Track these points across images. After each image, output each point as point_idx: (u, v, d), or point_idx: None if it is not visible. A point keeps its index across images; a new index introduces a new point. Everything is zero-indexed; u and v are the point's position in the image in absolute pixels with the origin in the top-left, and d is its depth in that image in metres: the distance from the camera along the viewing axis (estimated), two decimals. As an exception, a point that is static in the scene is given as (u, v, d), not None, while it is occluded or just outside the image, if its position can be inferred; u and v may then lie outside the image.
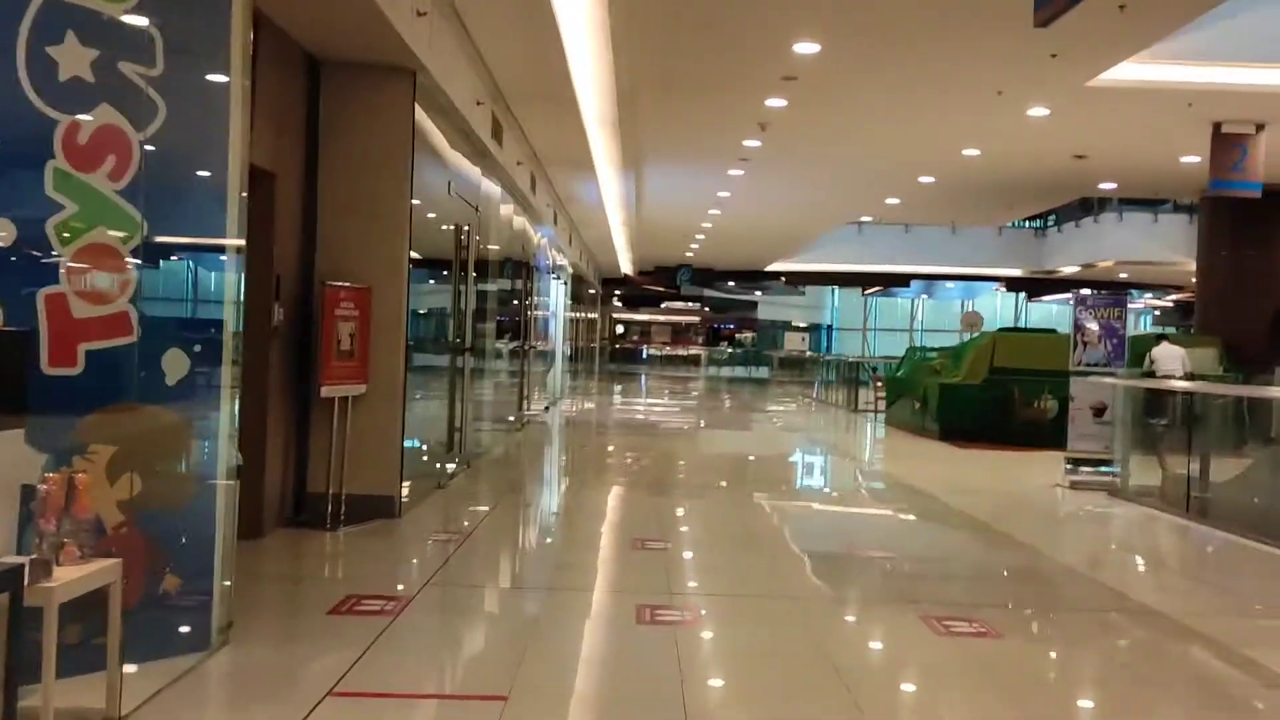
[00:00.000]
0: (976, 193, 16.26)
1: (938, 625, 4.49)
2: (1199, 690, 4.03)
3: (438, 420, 8.64)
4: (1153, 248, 27.76)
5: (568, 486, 9.35)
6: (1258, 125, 10.52)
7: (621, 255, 28.28)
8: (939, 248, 33.10)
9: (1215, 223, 15.02)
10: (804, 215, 20.38)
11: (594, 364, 32.50)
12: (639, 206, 19.46)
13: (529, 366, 14.20)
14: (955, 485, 9.58)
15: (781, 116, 11.34)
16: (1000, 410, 13.73)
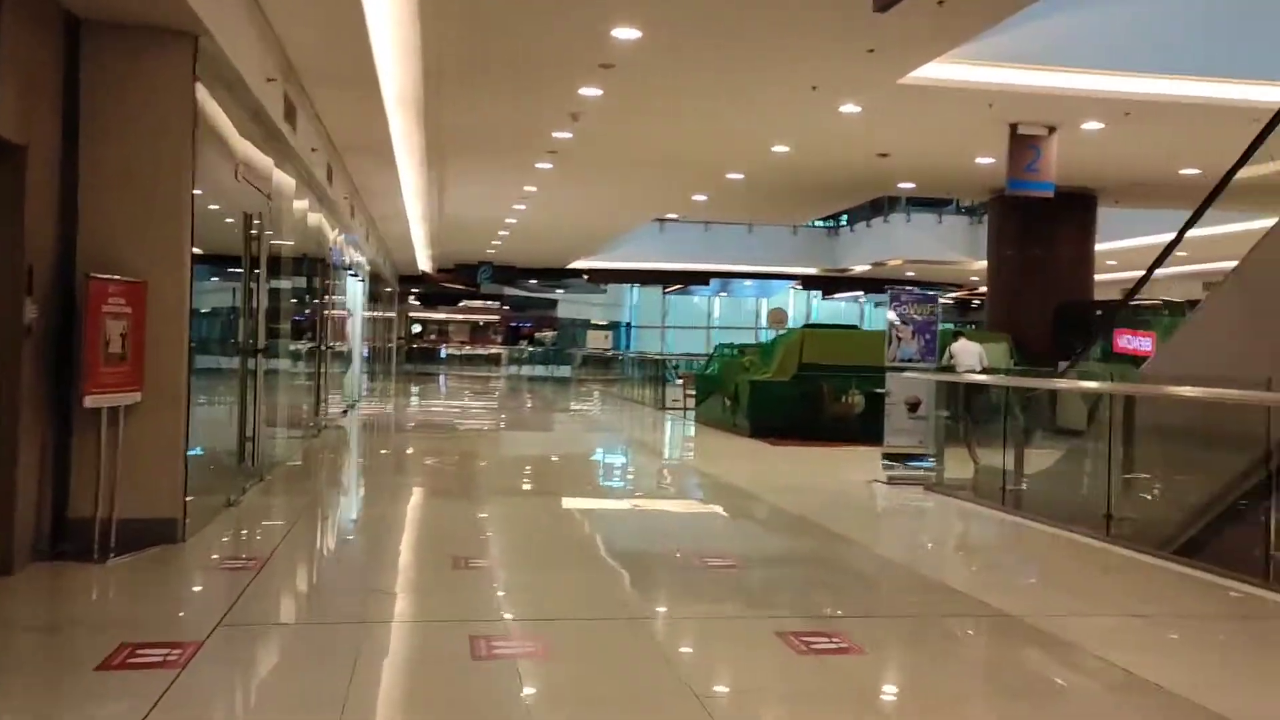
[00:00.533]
0: (782, 190, 16.45)
1: (797, 642, 4.19)
2: (1076, 703, 3.89)
3: (226, 429, 7.74)
4: (938, 247, 29.28)
5: (375, 497, 8.61)
6: (1050, 128, 10.99)
7: (420, 252, 27.26)
8: (737, 246, 33.80)
9: (1003, 222, 15.78)
10: (611, 212, 20.15)
11: (391, 364, 31.24)
12: (441, 201, 18.67)
13: (326, 368, 13.24)
14: (776, 483, 9.49)
15: (595, 107, 10.96)
16: (810, 406, 13.87)
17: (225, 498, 7.13)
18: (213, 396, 7.51)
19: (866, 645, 4.26)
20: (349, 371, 17.92)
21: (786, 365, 14.24)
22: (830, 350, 14.26)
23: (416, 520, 7.55)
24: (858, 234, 32.30)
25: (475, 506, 7.89)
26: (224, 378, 7.85)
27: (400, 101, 10.84)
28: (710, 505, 8.76)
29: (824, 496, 8.83)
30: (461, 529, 6.91)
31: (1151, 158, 12.80)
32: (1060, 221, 15.19)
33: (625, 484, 10.24)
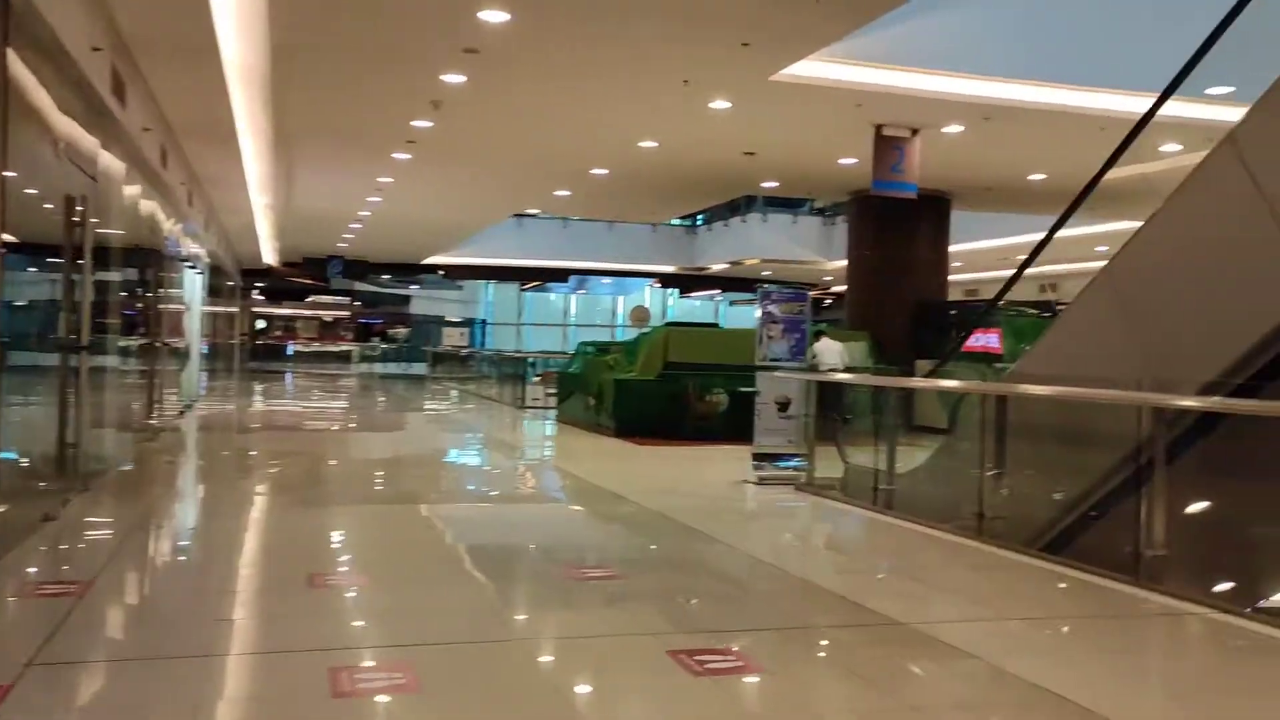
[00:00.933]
0: (647, 187, 16.26)
1: (691, 663, 3.90)
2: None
3: (43, 434, 6.97)
4: (792, 247, 29.79)
5: (216, 507, 7.92)
6: (913, 130, 11.11)
7: (265, 244, 25.99)
8: (596, 243, 33.59)
9: (862, 223, 16.01)
10: (471, 206, 19.58)
11: (233, 361, 29.71)
12: (289, 191, 17.73)
13: (161, 366, 12.29)
14: (646, 485, 9.24)
15: (458, 94, 10.48)
16: (675, 405, 13.73)
17: (42, 512, 6.38)
18: (28, 397, 6.73)
19: (764, 662, 4.02)
20: (187, 369, 16.80)
21: (651, 364, 14.05)
22: (694, 348, 14.15)
23: (264, 532, 6.96)
24: (715, 233, 32.58)
25: (328, 515, 7.34)
26: (41, 376, 7.06)
27: (244, 80, 10.10)
28: (581, 510, 8.44)
29: (696, 499, 8.63)
30: (315, 541, 6.37)
31: (1005, 163, 13.16)
32: (917, 223, 15.50)
33: (490, 488, 9.80)
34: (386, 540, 6.57)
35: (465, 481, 10.32)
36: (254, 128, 11.98)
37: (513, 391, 20.77)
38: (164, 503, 8.10)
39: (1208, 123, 9.69)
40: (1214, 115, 9.78)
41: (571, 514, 8.26)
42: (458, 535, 6.89)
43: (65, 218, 6.93)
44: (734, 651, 4.10)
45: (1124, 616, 5.04)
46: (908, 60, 9.66)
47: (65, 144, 6.74)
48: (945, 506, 7.53)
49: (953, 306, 15.96)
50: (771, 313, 9.75)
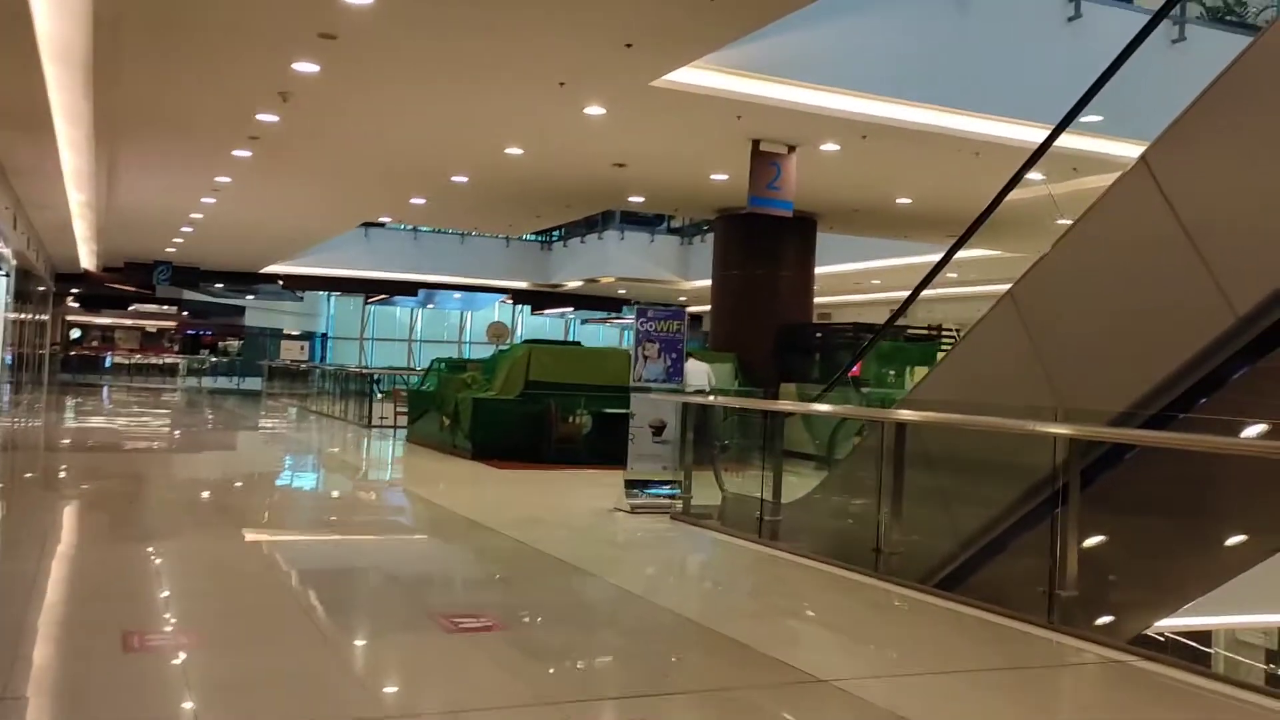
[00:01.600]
0: (509, 197, 15.57)
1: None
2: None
3: None
4: (650, 266, 29.54)
5: (10, 545, 6.79)
6: (790, 146, 10.85)
7: (82, 247, 23.91)
8: (448, 257, 32.52)
9: (728, 242, 15.75)
10: (318, 211, 18.40)
11: (44, 374, 27.24)
12: (112, 187, 16.20)
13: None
14: (512, 514, 8.56)
15: (310, 86, 9.59)
16: (536, 427, 13.06)
17: None
18: None
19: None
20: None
21: (512, 383, 13.35)
22: (557, 368, 13.52)
23: (68, 577, 5.93)
24: (571, 249, 32.03)
25: (147, 554, 6.36)
26: None
27: (61, 57, 8.94)
28: (444, 544, 7.65)
29: (568, 530, 8.00)
30: (130, 588, 5.42)
31: (875, 185, 13.11)
32: (783, 244, 15.34)
33: (337, 516, 8.90)
34: (217, 585, 5.67)
35: (309, 510, 9.37)
36: (71, 113, 10.70)
37: (358, 409, 19.66)
38: (-53, 539, 6.91)
39: (1076, 151, 9.79)
40: (1082, 145, 9.89)
41: (432, 549, 7.48)
42: (303, 577, 6.05)
43: None
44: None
45: (1051, 666, 4.71)
46: (790, 73, 9.36)
47: None
48: (837, 540, 7.16)
49: (818, 329, 15.87)
50: (648, 331, 9.23)
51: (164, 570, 5.96)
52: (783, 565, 6.82)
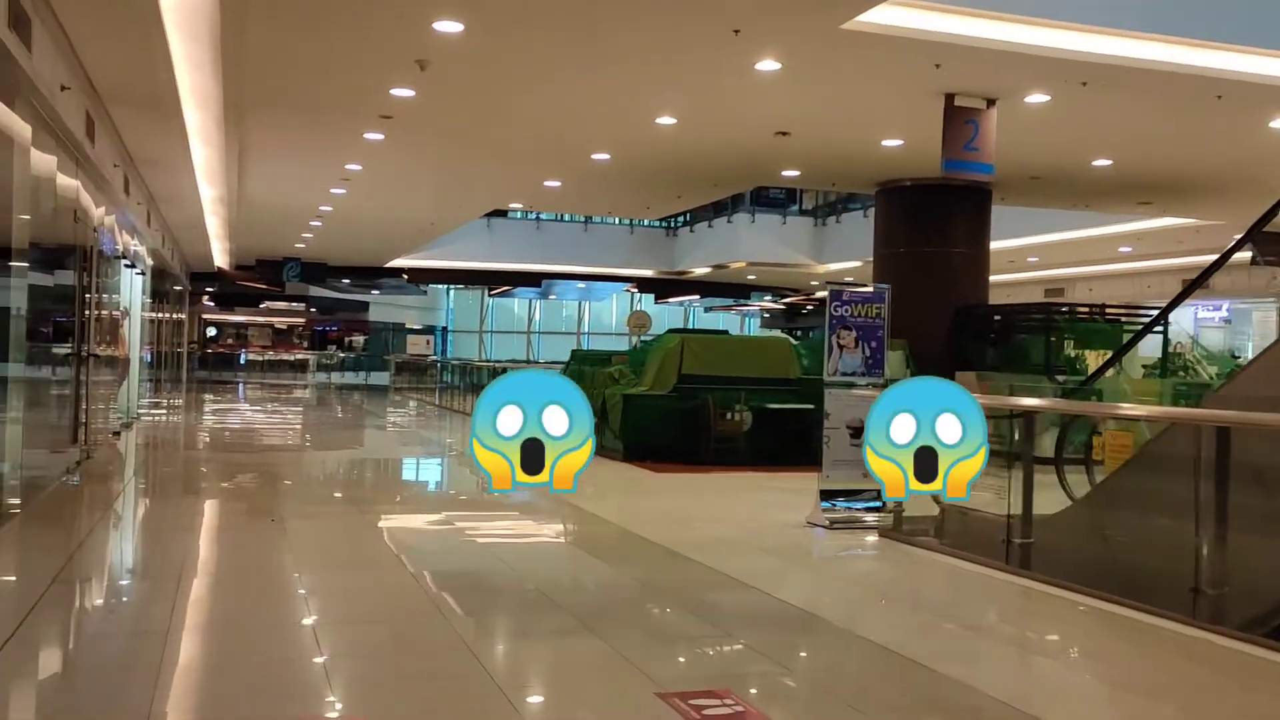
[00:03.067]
0: (652, 176, 14.43)
1: None
2: None
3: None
4: (781, 249, 28.10)
5: (157, 571, 5.94)
6: (989, 100, 9.41)
7: (215, 245, 23.80)
8: (571, 246, 31.69)
9: (892, 217, 14.33)
10: (448, 199, 17.60)
11: (182, 371, 27.43)
12: (242, 180, 15.69)
13: (90, 378, 10.20)
14: (688, 531, 7.42)
15: (451, 49, 8.60)
16: (692, 425, 11.93)
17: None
18: None
19: None
20: (126, 382, 14.71)
21: (665, 377, 12.24)
22: (712, 359, 12.37)
23: (250, 601, 5.02)
24: (698, 234, 30.80)
25: (319, 589, 5.42)
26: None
27: (187, 30, 8.16)
28: (633, 577, 6.33)
29: (767, 554, 6.80)
30: (294, 636, 4.45)
31: (1073, 145, 11.51)
32: (954, 217, 13.86)
33: (497, 539, 7.87)
34: (379, 651, 4.66)
35: (462, 528, 8.39)
36: (199, 95, 9.99)
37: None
38: (88, 566, 6.08)
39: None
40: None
41: (620, 583, 6.27)
42: (481, 629, 5.01)
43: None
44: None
45: None
46: (1004, 5, 7.92)
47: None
48: (1119, 571, 5.80)
49: (996, 311, 14.30)
50: (842, 316, 7.96)
51: (338, 622, 4.99)
52: (1055, 604, 5.48)
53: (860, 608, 5.64)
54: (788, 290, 34.81)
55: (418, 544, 7.07)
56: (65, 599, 5.21)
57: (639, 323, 14.52)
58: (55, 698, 3.80)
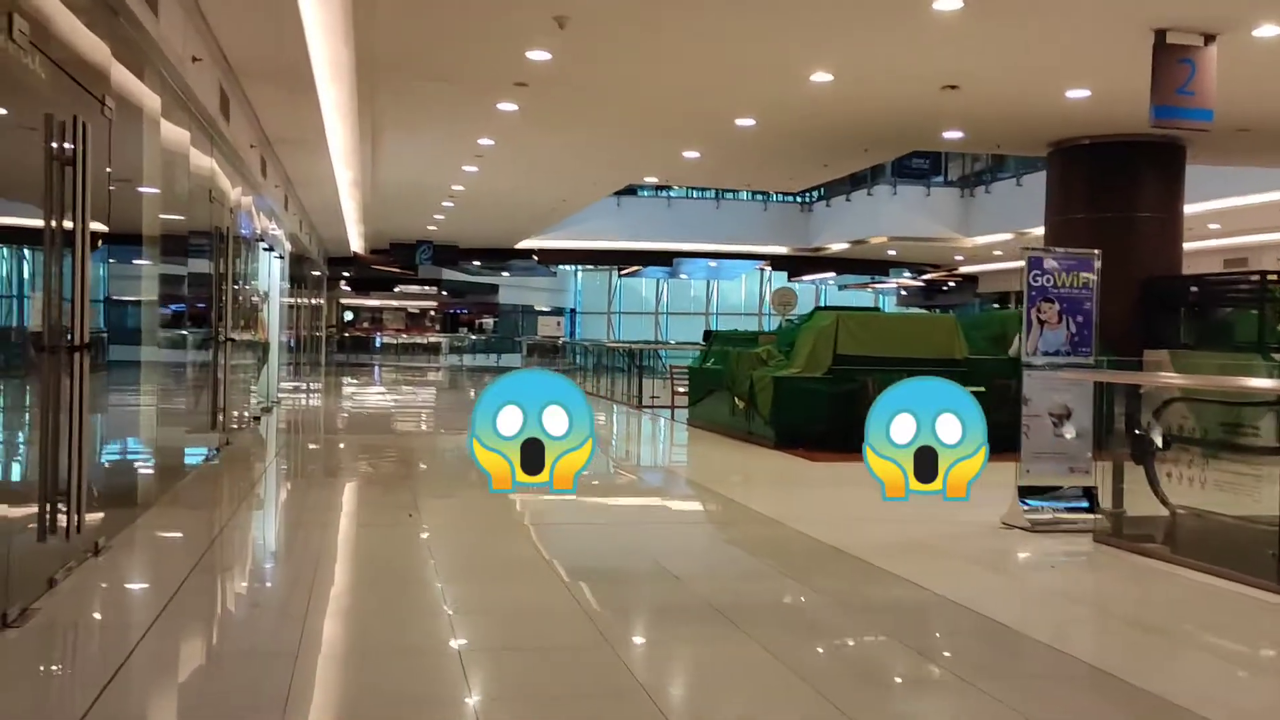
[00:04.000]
0: (799, 142, 13.47)
1: None
2: None
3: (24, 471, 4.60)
4: (925, 222, 26.63)
5: (315, 577, 5.44)
6: (1207, 36, 8.16)
7: (351, 228, 23.85)
8: (702, 223, 30.83)
9: (1069, 181, 13.01)
10: (582, 174, 16.99)
11: (320, 355, 27.78)
12: (376, 161, 15.40)
13: (228, 363, 9.92)
14: (866, 532, 6.55)
15: (586, 9, 7.89)
16: (849, 410, 10.98)
17: (43, 579, 3.97)
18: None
19: None
20: (266, 366, 14.62)
21: (818, 358, 11.32)
22: (869, 339, 11.38)
23: (427, 619, 4.44)
24: (835, 209, 29.54)
25: (469, 606, 4.80)
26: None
27: (322, 16, 7.68)
28: (827, 594, 5.51)
29: (972, 564, 5.92)
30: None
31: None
32: (1141, 179, 12.48)
33: (663, 540, 7.15)
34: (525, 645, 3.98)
35: (604, 518, 7.71)
36: (333, 67, 9.55)
37: (626, 387, 18.33)
38: (228, 566, 5.61)
39: None
40: None
41: (813, 605, 5.42)
42: (634, 617, 4.29)
43: (47, 164, 4.50)
44: None
45: None
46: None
47: (26, 28, 4.26)
48: None
49: (1192, 282, 12.86)
50: (1043, 287, 6.95)
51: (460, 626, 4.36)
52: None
53: (1108, 638, 4.71)
54: (927, 266, 33.18)
55: (560, 538, 6.40)
56: (205, 588, 4.74)
57: (784, 300, 13.62)
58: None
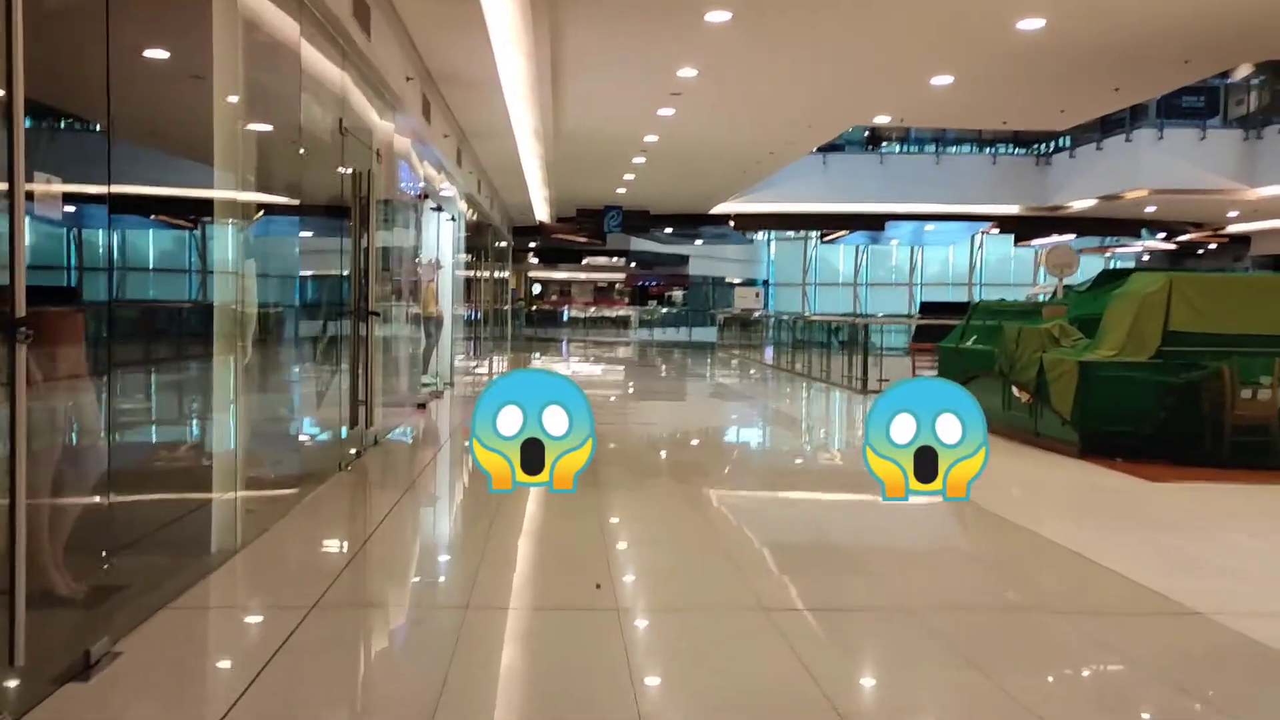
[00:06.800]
0: (1088, 54, 10.30)
1: None
2: None
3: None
4: (1198, 172, 22.41)
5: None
6: None
7: (535, 191, 21.94)
8: (919, 182, 27.48)
9: None
10: (800, 113, 14.22)
11: (507, 329, 26.24)
12: (557, 101, 13.21)
13: (368, 350, 7.87)
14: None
15: None
16: (1189, 408, 7.99)
17: None
18: None
19: None
20: (435, 346, 12.79)
21: (1143, 336, 8.34)
22: (1214, 311, 8.33)
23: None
24: (1081, 159, 25.54)
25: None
26: None
27: None
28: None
29: None
30: None
31: None
32: None
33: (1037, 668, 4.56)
34: None
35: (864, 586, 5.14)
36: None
37: (845, 368, 15.66)
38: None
39: None
40: None
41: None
42: None
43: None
44: None
45: None
46: None
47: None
48: None
49: None
50: None
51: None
52: None
53: None
54: (1189, 225, 28.53)
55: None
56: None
57: (1063, 261, 10.56)
58: None
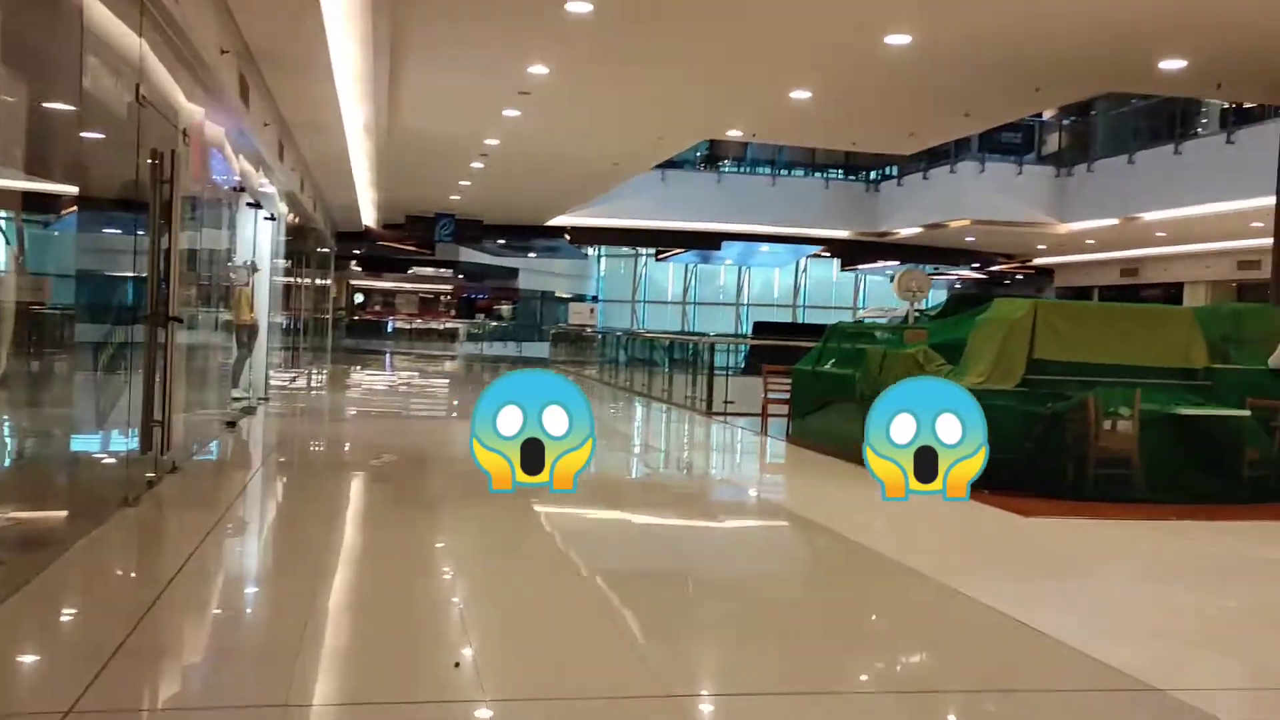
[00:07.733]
0: (955, 74, 10.20)
1: None
2: None
3: None
4: (1014, 205, 23.29)
5: None
6: None
7: (363, 194, 20.66)
8: (754, 203, 27.59)
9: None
10: (645, 127, 13.74)
11: (327, 340, 24.63)
12: (393, 96, 12.21)
13: (169, 361, 6.68)
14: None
15: None
16: (1055, 439, 7.80)
17: None
18: None
19: None
20: (249, 356, 11.51)
21: (1008, 364, 8.17)
22: (1078, 339, 8.24)
23: None
24: (908, 188, 26.21)
25: None
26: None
27: None
28: None
29: None
30: None
31: None
32: None
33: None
34: None
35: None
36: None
37: (687, 388, 15.22)
38: None
39: None
40: None
41: None
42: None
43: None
44: None
45: None
46: None
47: None
48: None
49: None
50: None
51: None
52: None
53: None
54: (1001, 257, 29.79)
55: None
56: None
57: (915, 285, 10.36)
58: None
